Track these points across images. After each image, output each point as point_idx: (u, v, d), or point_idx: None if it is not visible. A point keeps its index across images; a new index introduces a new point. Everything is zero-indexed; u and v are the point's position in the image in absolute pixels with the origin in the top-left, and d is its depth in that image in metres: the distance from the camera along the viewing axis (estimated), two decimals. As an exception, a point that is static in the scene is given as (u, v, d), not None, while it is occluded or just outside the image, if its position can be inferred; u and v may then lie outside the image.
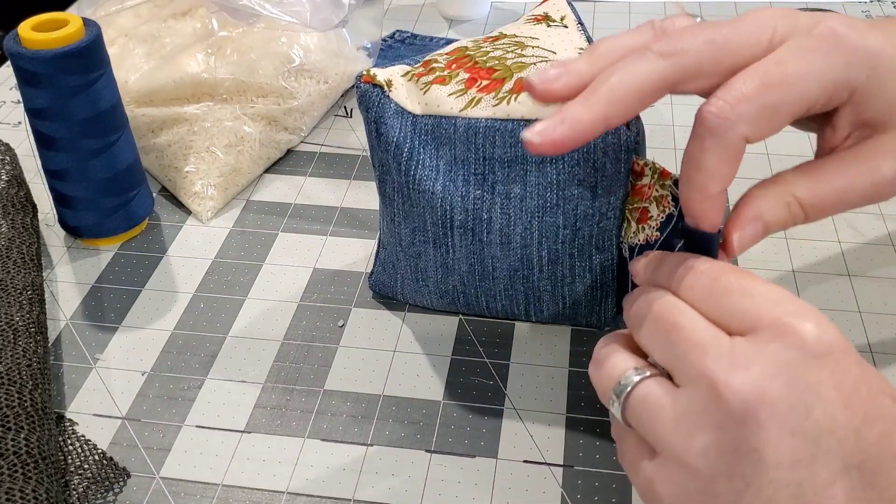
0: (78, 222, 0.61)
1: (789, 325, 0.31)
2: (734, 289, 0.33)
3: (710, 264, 0.35)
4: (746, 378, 0.31)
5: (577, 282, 0.50)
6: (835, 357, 0.31)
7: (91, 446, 0.48)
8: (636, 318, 0.36)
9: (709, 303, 0.34)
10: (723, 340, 0.32)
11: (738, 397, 0.30)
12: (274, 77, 0.69)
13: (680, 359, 0.33)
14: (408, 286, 0.54)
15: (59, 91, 0.55)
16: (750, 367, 0.31)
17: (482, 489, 0.46)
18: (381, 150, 0.50)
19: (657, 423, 0.33)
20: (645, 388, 0.34)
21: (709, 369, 0.31)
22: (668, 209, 0.44)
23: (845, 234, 0.61)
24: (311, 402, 0.51)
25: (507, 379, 0.51)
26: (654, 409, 0.33)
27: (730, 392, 0.31)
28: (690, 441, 0.32)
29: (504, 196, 0.47)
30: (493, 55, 0.49)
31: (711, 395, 0.31)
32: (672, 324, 0.34)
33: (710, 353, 0.32)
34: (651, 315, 0.35)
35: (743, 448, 0.30)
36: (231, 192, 0.66)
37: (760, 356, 0.31)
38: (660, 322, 0.34)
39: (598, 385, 0.37)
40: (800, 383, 0.30)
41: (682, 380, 0.33)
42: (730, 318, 0.33)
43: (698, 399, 0.32)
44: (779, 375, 0.30)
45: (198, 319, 0.56)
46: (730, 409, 0.30)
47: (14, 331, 0.49)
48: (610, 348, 0.37)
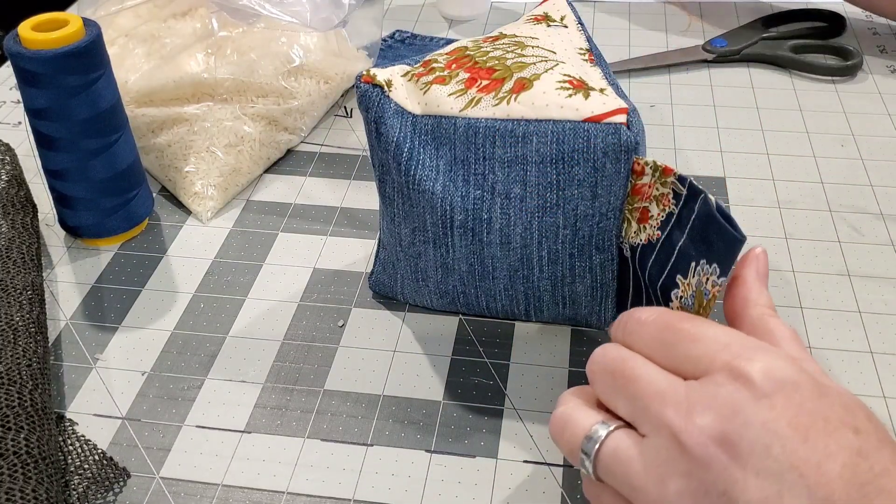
0: (78, 222, 0.61)
1: (737, 367, 0.32)
2: (683, 336, 0.35)
3: (658, 314, 0.37)
4: (704, 423, 0.32)
5: (577, 282, 0.50)
6: (786, 393, 0.32)
7: (91, 446, 0.48)
8: (594, 374, 0.37)
9: (661, 352, 0.35)
10: (678, 387, 0.33)
11: (699, 443, 0.31)
12: (274, 77, 0.69)
13: (641, 409, 0.34)
14: (408, 286, 0.54)
15: (59, 91, 0.55)
16: (706, 412, 0.32)
17: (482, 489, 0.46)
18: (381, 150, 0.50)
19: (629, 475, 0.34)
20: (613, 442, 0.35)
21: (668, 418, 0.32)
22: (669, 207, 0.44)
23: (845, 234, 0.61)
24: (311, 402, 0.51)
25: (507, 379, 0.51)
26: (624, 462, 0.34)
27: (691, 439, 0.32)
28: (663, 489, 0.32)
29: (504, 196, 0.47)
30: (493, 55, 0.49)
31: (675, 443, 0.32)
32: (629, 376, 0.35)
33: (668, 401, 0.33)
34: (608, 369, 0.36)
35: (713, 492, 0.31)
36: (231, 192, 0.66)
37: (715, 400, 0.32)
38: (617, 375, 0.35)
39: (566, 446, 0.37)
40: (755, 422, 0.31)
41: (646, 429, 0.34)
42: (683, 364, 0.34)
43: (664, 447, 0.32)
44: (734, 417, 0.31)
45: (198, 319, 0.56)
46: (694, 455, 0.31)
47: (14, 331, 0.49)
48: (569, 406, 0.38)
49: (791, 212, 0.63)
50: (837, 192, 0.65)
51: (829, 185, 0.66)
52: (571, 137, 0.45)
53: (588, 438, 0.35)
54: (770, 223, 0.62)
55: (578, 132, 0.45)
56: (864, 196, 0.65)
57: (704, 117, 0.74)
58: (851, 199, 0.64)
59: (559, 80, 0.47)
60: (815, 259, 0.59)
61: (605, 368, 0.36)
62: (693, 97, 0.77)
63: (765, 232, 0.62)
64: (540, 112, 0.46)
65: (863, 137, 0.71)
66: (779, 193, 0.65)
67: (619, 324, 0.39)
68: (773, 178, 0.67)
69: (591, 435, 0.35)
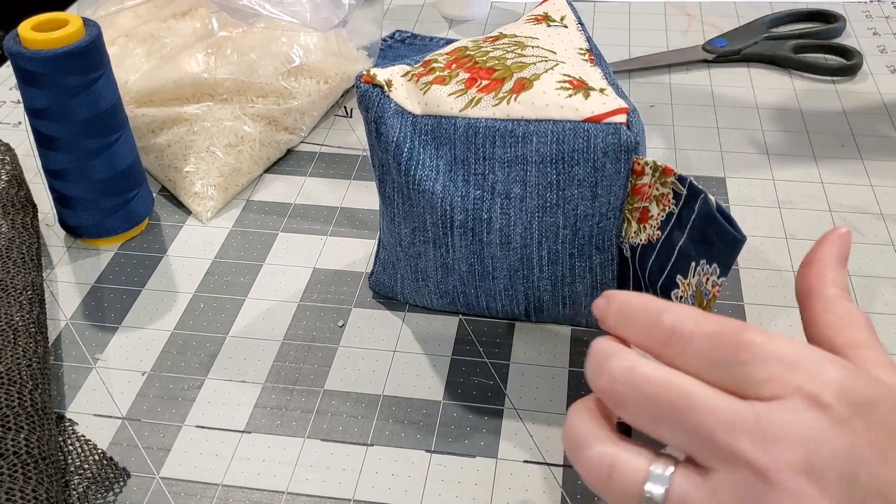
0: (78, 222, 0.61)
1: (813, 392, 0.29)
2: (743, 356, 0.31)
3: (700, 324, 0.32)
4: (791, 455, 0.29)
5: (577, 282, 0.50)
6: (863, 414, 0.30)
7: (91, 446, 0.48)
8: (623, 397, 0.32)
9: (715, 371, 0.31)
10: (746, 413, 0.30)
11: (790, 476, 0.29)
12: (274, 77, 0.69)
13: (703, 442, 0.30)
14: (408, 286, 0.54)
15: (59, 91, 0.55)
16: (790, 443, 0.29)
17: (482, 489, 0.46)
18: (381, 150, 0.50)
19: None
20: (679, 488, 0.31)
21: (745, 451, 0.29)
22: (669, 207, 0.44)
23: (845, 234, 0.61)
24: (311, 402, 0.51)
25: (507, 379, 0.51)
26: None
27: (779, 474, 0.29)
28: None
29: (504, 196, 0.47)
30: (493, 55, 0.49)
31: (757, 478, 0.29)
32: (682, 406, 0.30)
33: (739, 431, 0.29)
34: (648, 395, 0.31)
35: None
36: (231, 192, 0.66)
37: (794, 428, 0.29)
38: (663, 403, 0.31)
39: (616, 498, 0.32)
40: (839, 451, 0.29)
41: (714, 464, 0.30)
42: (743, 386, 0.30)
43: (742, 483, 0.29)
44: (819, 447, 0.29)
45: (198, 319, 0.56)
46: (785, 487, 0.29)
47: (14, 331, 0.49)
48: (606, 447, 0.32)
49: (791, 212, 0.63)
50: (837, 192, 0.65)
51: (829, 185, 0.66)
52: (571, 137, 0.45)
53: (650, 488, 0.31)
54: (770, 223, 0.62)
55: (578, 132, 0.45)
56: (864, 196, 0.65)
57: (704, 117, 0.74)
58: (851, 199, 0.64)
59: (559, 80, 0.47)
60: (815, 259, 0.59)
61: (644, 394, 0.31)
62: (693, 97, 0.77)
63: (765, 232, 0.62)
64: (540, 112, 0.46)
65: (863, 137, 0.71)
66: (779, 193, 0.65)
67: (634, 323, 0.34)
68: (773, 178, 0.67)
69: (651, 483, 0.31)
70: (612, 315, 0.35)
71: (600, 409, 0.34)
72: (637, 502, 0.31)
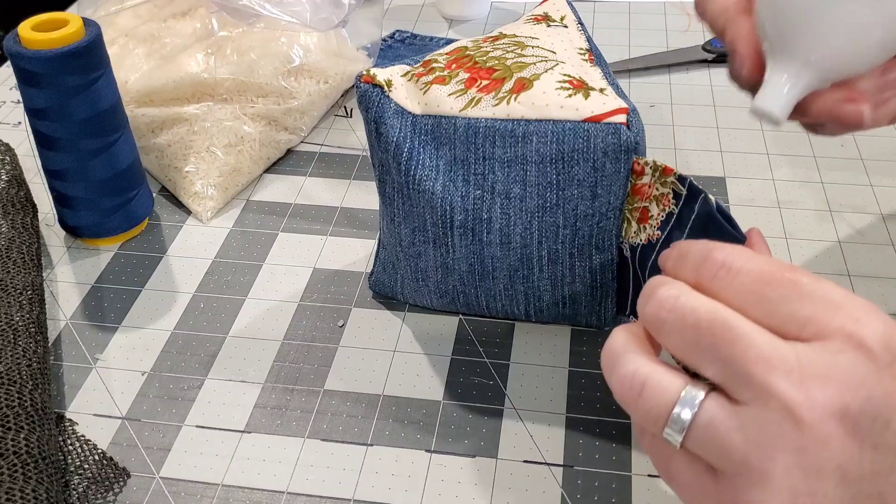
0: (78, 222, 0.61)
1: (856, 333, 0.29)
2: (788, 291, 0.31)
3: (751, 261, 0.32)
4: (824, 396, 0.29)
5: (577, 282, 0.50)
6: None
7: (91, 446, 0.48)
8: (665, 323, 0.32)
9: (759, 308, 0.31)
10: (786, 352, 0.30)
11: (819, 418, 0.29)
12: (274, 77, 0.69)
13: (739, 375, 0.30)
14: (408, 286, 0.54)
15: (59, 91, 0.55)
16: (826, 384, 0.29)
17: (482, 489, 0.46)
18: (381, 150, 0.50)
19: (728, 449, 0.30)
20: (707, 413, 0.31)
21: (780, 388, 0.29)
22: (669, 207, 0.44)
23: (845, 234, 0.61)
24: (311, 402, 0.51)
25: (507, 379, 0.51)
26: (722, 435, 0.30)
27: (811, 414, 0.29)
28: (769, 464, 0.29)
29: (504, 196, 0.47)
30: (493, 55, 0.49)
31: (788, 417, 0.29)
32: (724, 336, 0.30)
33: (776, 368, 0.29)
34: (691, 323, 0.31)
35: (827, 467, 0.29)
36: (231, 192, 0.66)
37: (833, 369, 0.29)
38: (705, 332, 0.31)
39: (642, 414, 0.32)
40: (877, 395, 0.29)
41: (747, 397, 0.30)
42: (786, 324, 0.30)
43: (773, 420, 0.29)
44: (858, 389, 0.29)
45: (198, 319, 0.56)
46: (813, 430, 0.29)
47: (14, 331, 0.49)
48: (642, 365, 0.32)
49: (791, 212, 0.63)
50: (837, 192, 0.65)
51: (829, 185, 0.66)
52: (571, 137, 0.45)
53: (679, 409, 0.31)
54: (770, 223, 0.62)
55: (578, 132, 0.45)
56: (864, 196, 0.65)
57: (704, 117, 0.74)
58: (851, 199, 0.64)
59: (559, 80, 0.47)
60: (815, 259, 0.59)
61: (687, 321, 0.31)
62: (693, 97, 0.77)
63: (765, 232, 0.61)
64: (540, 112, 0.46)
65: (863, 137, 0.71)
66: (779, 193, 0.65)
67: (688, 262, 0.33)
68: (773, 178, 0.67)
69: (682, 404, 0.31)
70: (672, 257, 0.35)
71: (644, 335, 0.34)
72: (664, 422, 0.31)
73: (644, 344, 0.34)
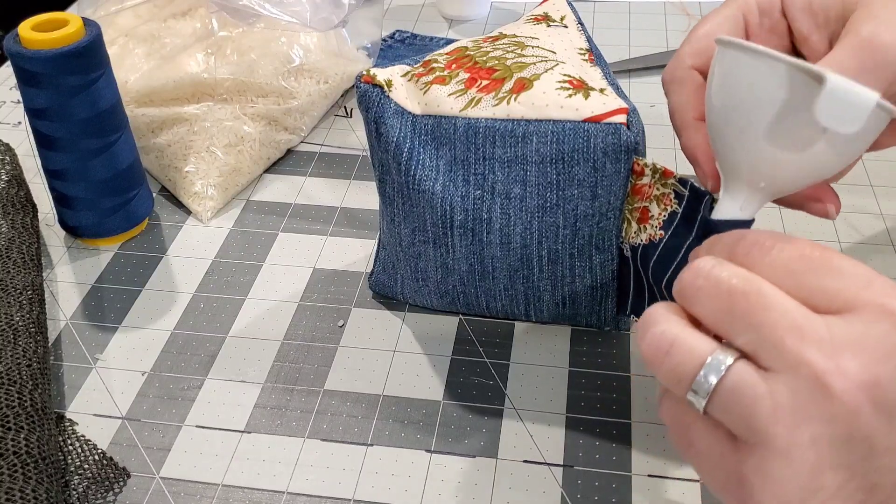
0: (78, 222, 0.61)
1: (886, 305, 0.30)
2: (820, 266, 0.31)
3: (784, 240, 0.32)
4: (855, 366, 0.29)
5: (577, 282, 0.50)
6: None
7: (91, 446, 0.48)
8: (699, 290, 0.32)
9: (791, 280, 0.31)
10: (817, 323, 0.30)
11: (849, 388, 0.29)
12: (274, 77, 0.69)
13: (770, 343, 0.30)
14: (408, 286, 0.54)
15: (59, 91, 0.55)
16: (857, 354, 0.29)
17: (482, 489, 0.46)
18: (381, 150, 0.50)
19: (754, 416, 0.30)
20: (735, 377, 0.30)
21: (811, 357, 0.29)
22: (671, 207, 0.44)
23: (845, 234, 0.61)
24: (311, 402, 0.51)
25: (507, 379, 0.51)
26: (749, 401, 0.30)
27: (841, 383, 0.29)
28: (797, 434, 0.29)
29: (504, 196, 0.47)
30: (493, 55, 0.49)
31: (818, 386, 0.29)
32: (757, 302, 0.30)
33: (807, 337, 0.29)
34: (724, 289, 0.31)
35: (856, 438, 0.29)
36: (231, 192, 0.66)
37: (864, 340, 0.29)
38: (739, 298, 0.31)
39: (668, 373, 0.32)
40: None
41: (777, 365, 0.30)
42: (819, 297, 0.31)
43: (802, 389, 0.29)
44: (888, 359, 0.29)
45: (198, 319, 0.56)
46: (843, 400, 0.29)
47: (14, 331, 0.49)
48: (672, 325, 0.32)
49: (791, 212, 0.63)
50: (837, 192, 0.65)
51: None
52: (571, 137, 0.45)
53: (706, 371, 0.31)
54: (770, 223, 0.62)
55: (578, 132, 0.45)
56: (864, 196, 0.65)
57: (704, 117, 0.74)
58: (851, 199, 0.64)
59: (559, 80, 0.47)
60: (815, 259, 0.59)
61: (721, 288, 0.31)
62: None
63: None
64: (540, 112, 0.46)
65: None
66: (779, 193, 0.65)
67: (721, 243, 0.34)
68: (773, 178, 0.67)
69: (709, 366, 0.31)
70: (705, 245, 0.35)
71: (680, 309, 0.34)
72: (688, 384, 0.31)
73: (681, 312, 0.33)
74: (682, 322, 0.33)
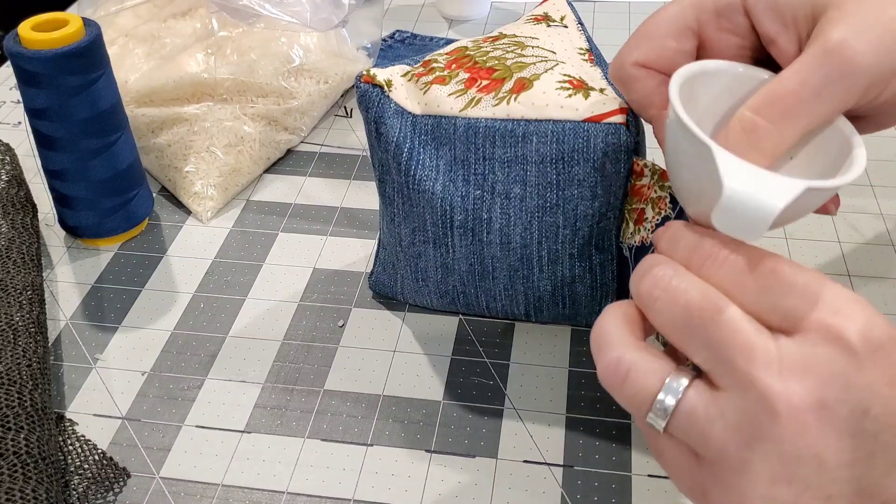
0: (78, 222, 0.61)
1: (835, 327, 0.30)
2: (769, 283, 0.31)
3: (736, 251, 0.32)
4: (802, 389, 0.29)
5: (577, 282, 0.50)
6: (885, 351, 0.30)
7: (91, 446, 0.48)
8: (656, 302, 0.32)
9: (743, 295, 0.31)
10: (768, 343, 0.30)
11: (796, 410, 0.29)
12: (274, 77, 0.69)
13: (721, 360, 0.31)
14: (408, 286, 0.54)
15: (59, 91, 0.55)
16: (803, 377, 0.29)
17: (482, 489, 0.46)
18: (381, 150, 0.50)
19: (708, 437, 0.31)
20: (690, 402, 0.31)
21: (759, 379, 0.29)
22: (665, 211, 0.44)
23: (845, 234, 0.61)
24: (311, 402, 0.51)
25: (507, 379, 0.51)
26: (703, 423, 0.31)
27: (787, 405, 0.29)
28: (748, 452, 0.30)
29: (504, 196, 0.47)
30: (493, 55, 0.49)
31: (765, 407, 0.29)
32: (711, 319, 0.31)
33: (757, 358, 0.30)
34: (681, 304, 0.31)
35: (805, 456, 0.29)
36: (231, 192, 0.66)
37: (811, 362, 0.29)
38: (694, 313, 0.31)
39: (626, 400, 0.33)
40: (855, 386, 0.29)
41: (728, 384, 0.31)
42: (770, 315, 0.31)
43: (751, 409, 0.30)
44: (833, 382, 0.29)
45: (198, 319, 0.56)
46: (789, 422, 0.29)
47: (14, 331, 0.49)
48: (628, 351, 0.33)
49: (791, 212, 0.63)
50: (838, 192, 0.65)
51: (829, 185, 0.66)
52: (571, 137, 0.45)
53: (662, 395, 0.31)
54: (770, 223, 0.62)
55: (578, 132, 0.45)
56: (864, 196, 0.65)
57: (704, 117, 0.74)
58: (851, 199, 0.64)
59: (559, 80, 0.47)
60: (815, 259, 0.59)
61: (678, 301, 0.32)
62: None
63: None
64: (540, 112, 0.46)
65: (862, 138, 0.71)
66: (779, 193, 0.65)
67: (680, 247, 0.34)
68: (773, 178, 0.67)
69: (664, 393, 0.31)
70: (666, 238, 0.35)
71: (634, 316, 0.34)
72: (647, 409, 0.32)
73: (633, 324, 0.34)
74: (635, 344, 0.33)
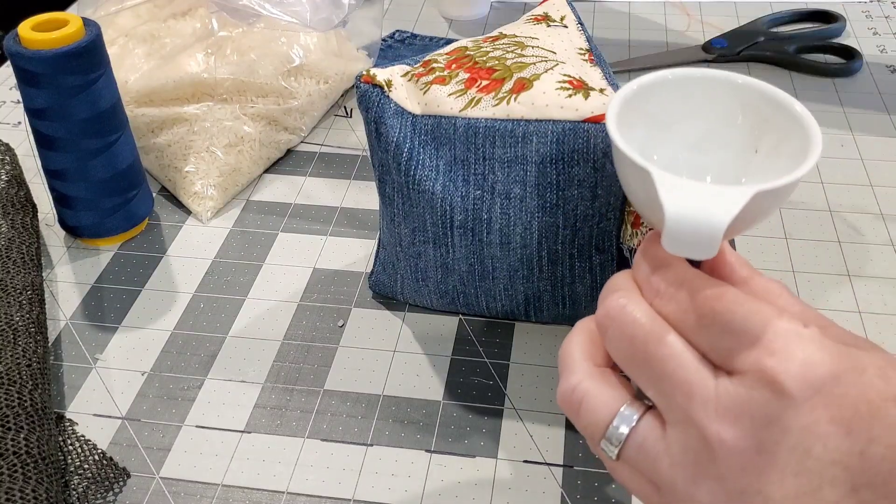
0: (78, 222, 0.61)
1: (769, 371, 0.29)
2: (711, 321, 0.31)
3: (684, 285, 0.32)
4: (738, 432, 0.30)
5: (577, 282, 0.50)
6: (826, 390, 0.29)
7: (91, 446, 0.48)
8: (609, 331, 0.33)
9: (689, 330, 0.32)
10: (708, 381, 0.31)
11: (733, 451, 0.30)
12: (274, 77, 0.69)
13: (664, 395, 0.31)
14: (408, 286, 0.54)
15: (59, 91, 0.55)
16: (737, 420, 0.30)
17: (482, 489, 0.46)
18: (381, 150, 0.50)
19: (657, 469, 0.32)
20: (640, 435, 0.32)
21: (697, 417, 0.30)
22: None
23: (845, 235, 0.61)
24: (311, 402, 0.51)
25: (507, 379, 0.51)
26: (651, 456, 0.32)
27: (723, 447, 0.30)
28: (694, 488, 0.31)
29: (504, 196, 0.47)
30: (493, 55, 0.49)
31: (704, 446, 0.30)
32: (654, 354, 0.31)
33: (695, 396, 0.30)
34: (629, 335, 0.32)
35: (748, 491, 0.30)
36: (231, 192, 0.66)
37: (747, 406, 0.30)
38: (639, 347, 0.32)
39: (582, 427, 0.34)
40: (793, 428, 0.29)
41: (669, 418, 0.31)
42: (710, 352, 0.31)
43: (692, 447, 0.31)
44: (770, 426, 0.29)
45: (198, 319, 0.56)
46: (728, 462, 0.30)
47: (14, 331, 0.49)
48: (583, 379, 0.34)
49: (791, 212, 0.63)
50: (837, 192, 0.65)
51: (829, 185, 0.66)
52: (571, 137, 0.45)
53: (613, 428, 0.32)
54: (770, 223, 0.62)
55: (578, 132, 0.45)
56: (864, 196, 0.65)
57: (704, 117, 0.74)
58: (851, 199, 0.64)
59: (559, 80, 0.47)
60: (815, 259, 0.59)
61: (626, 332, 0.32)
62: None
63: (765, 232, 0.62)
64: (540, 112, 0.46)
65: (863, 137, 0.71)
66: (779, 193, 0.65)
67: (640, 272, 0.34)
68: (773, 178, 0.67)
69: (616, 425, 0.32)
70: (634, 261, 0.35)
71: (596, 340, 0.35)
72: (600, 437, 0.33)
73: (597, 346, 0.35)
74: (591, 372, 0.34)
